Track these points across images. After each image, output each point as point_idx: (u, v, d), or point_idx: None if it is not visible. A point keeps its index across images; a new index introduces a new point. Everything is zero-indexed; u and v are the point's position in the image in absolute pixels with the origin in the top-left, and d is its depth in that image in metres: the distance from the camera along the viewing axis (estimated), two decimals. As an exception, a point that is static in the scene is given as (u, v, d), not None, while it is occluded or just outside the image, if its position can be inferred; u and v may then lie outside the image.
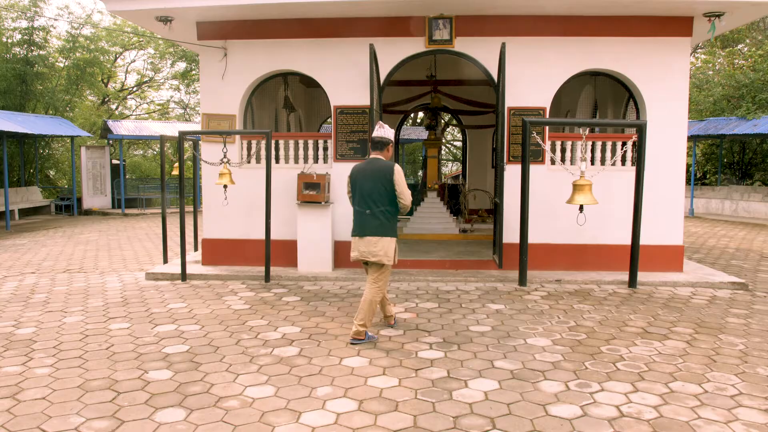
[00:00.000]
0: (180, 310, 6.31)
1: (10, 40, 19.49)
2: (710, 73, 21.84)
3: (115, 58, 27.17)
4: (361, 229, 5.19)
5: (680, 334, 5.43)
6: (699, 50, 23.59)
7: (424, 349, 4.96)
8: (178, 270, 7.97)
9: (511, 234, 7.72)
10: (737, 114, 17.11)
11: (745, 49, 22.99)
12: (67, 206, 19.08)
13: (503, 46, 7.30)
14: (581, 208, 6.63)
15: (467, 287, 7.36)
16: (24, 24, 19.59)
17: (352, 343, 5.10)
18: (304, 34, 8.18)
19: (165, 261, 8.96)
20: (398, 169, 5.16)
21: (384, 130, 5.34)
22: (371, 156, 5.36)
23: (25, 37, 19.48)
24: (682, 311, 6.26)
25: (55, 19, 19.57)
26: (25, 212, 17.99)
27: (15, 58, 19.23)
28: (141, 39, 25.40)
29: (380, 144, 5.30)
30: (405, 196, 5.18)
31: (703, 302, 6.68)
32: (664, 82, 7.99)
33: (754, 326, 5.70)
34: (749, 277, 8.15)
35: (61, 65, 21.98)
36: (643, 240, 7.52)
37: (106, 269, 8.84)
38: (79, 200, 19.06)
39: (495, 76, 7.78)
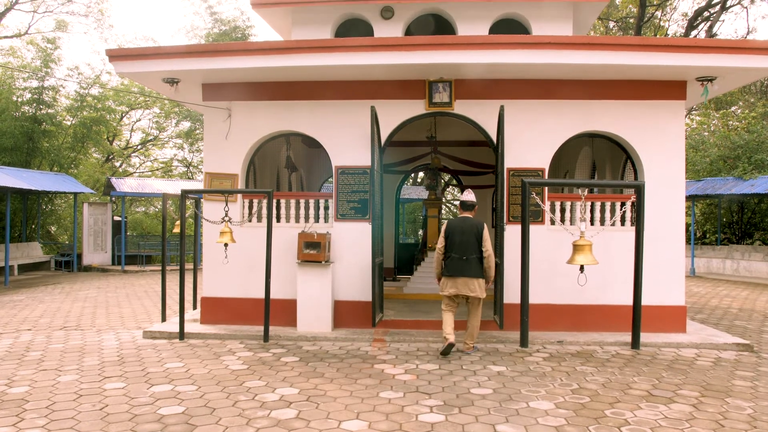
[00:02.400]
0: (176, 369, 6.21)
1: (20, 99, 19.92)
2: (706, 134, 22.25)
3: (121, 117, 27.70)
4: (459, 271, 6.67)
5: (686, 397, 5.33)
6: (694, 112, 24.12)
7: (425, 412, 4.85)
8: (176, 329, 7.89)
9: (511, 294, 7.68)
10: (734, 174, 17.30)
11: (739, 111, 23.52)
12: (67, 262, 19.04)
13: (502, 108, 7.47)
14: (582, 268, 6.64)
15: (468, 348, 7.26)
16: (34, 84, 20.08)
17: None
18: (307, 96, 8.38)
19: (163, 319, 8.88)
20: (486, 226, 6.73)
21: (471, 195, 7.00)
22: (462, 215, 6.92)
23: (35, 96, 19.91)
24: (687, 373, 6.15)
25: (65, 80, 20.02)
26: (24, 268, 17.95)
27: (23, 116, 19.60)
28: (147, 99, 25.97)
29: (471, 206, 6.95)
30: (487, 246, 6.68)
31: (708, 364, 6.58)
32: (661, 144, 8.12)
33: (761, 389, 5.60)
34: (754, 338, 8.06)
35: (68, 123, 22.39)
36: (645, 300, 7.47)
37: (104, 327, 8.75)
38: (79, 256, 19.04)
39: (494, 138, 7.93)
